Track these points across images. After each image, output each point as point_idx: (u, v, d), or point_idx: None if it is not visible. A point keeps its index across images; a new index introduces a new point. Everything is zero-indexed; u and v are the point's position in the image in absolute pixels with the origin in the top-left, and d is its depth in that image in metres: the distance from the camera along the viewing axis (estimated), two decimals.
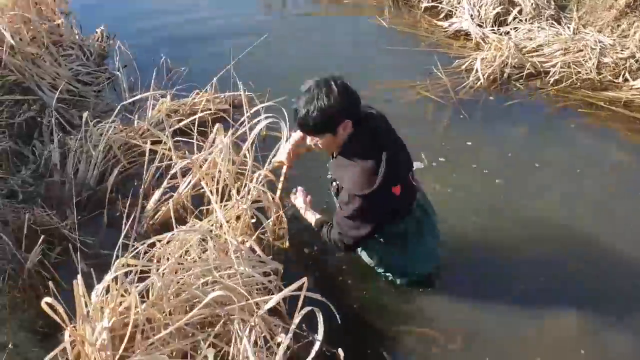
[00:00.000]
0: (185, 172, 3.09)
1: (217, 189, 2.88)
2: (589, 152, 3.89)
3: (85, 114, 3.51)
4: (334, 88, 2.16)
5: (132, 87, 4.26)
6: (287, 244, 2.97)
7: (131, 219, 2.75)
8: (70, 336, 1.76)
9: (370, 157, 2.26)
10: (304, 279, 1.84)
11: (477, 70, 4.62)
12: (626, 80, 4.61)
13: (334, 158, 2.42)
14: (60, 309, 1.67)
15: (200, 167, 2.96)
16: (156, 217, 3.00)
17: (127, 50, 4.48)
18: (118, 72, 4.31)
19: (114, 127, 3.42)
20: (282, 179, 2.93)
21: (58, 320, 1.68)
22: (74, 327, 1.74)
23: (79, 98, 4.11)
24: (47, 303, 1.64)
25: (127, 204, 3.03)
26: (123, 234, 2.01)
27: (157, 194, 3.03)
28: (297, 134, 2.71)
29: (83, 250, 2.86)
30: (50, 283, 1.93)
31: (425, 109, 4.31)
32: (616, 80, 4.62)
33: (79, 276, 1.75)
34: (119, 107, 3.43)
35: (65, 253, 2.85)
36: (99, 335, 1.73)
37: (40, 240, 2.53)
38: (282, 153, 2.84)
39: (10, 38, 3.79)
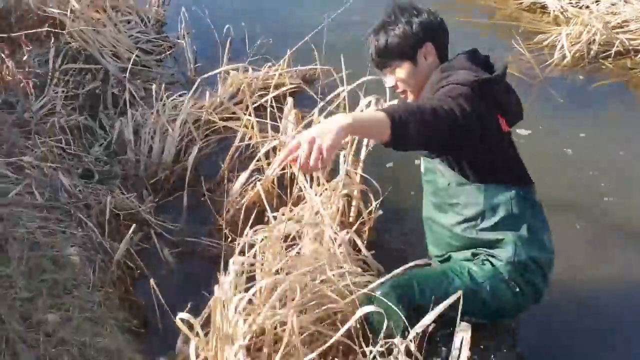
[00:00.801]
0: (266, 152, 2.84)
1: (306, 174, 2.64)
2: None
3: (154, 86, 3.28)
4: (420, 8, 1.88)
5: (195, 57, 3.98)
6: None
7: (224, 205, 2.55)
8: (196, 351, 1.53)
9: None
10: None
11: (562, 47, 4.27)
12: None
13: None
14: (197, 326, 1.42)
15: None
16: (243, 201, 2.76)
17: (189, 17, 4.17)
18: (181, 41, 4.03)
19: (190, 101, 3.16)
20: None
21: (192, 337, 1.44)
22: (207, 342, 1.50)
23: (140, 68, 3.84)
24: (181, 319, 1.40)
25: (215, 186, 2.83)
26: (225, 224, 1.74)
27: (242, 176, 2.77)
28: None
29: (166, 236, 2.65)
30: (137, 273, 1.70)
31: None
32: None
33: (220, 285, 1.49)
34: (198, 80, 3.14)
35: (146, 239, 2.63)
36: (234, 355, 1.49)
37: (132, 228, 2.28)
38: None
39: (75, 1, 3.52)
